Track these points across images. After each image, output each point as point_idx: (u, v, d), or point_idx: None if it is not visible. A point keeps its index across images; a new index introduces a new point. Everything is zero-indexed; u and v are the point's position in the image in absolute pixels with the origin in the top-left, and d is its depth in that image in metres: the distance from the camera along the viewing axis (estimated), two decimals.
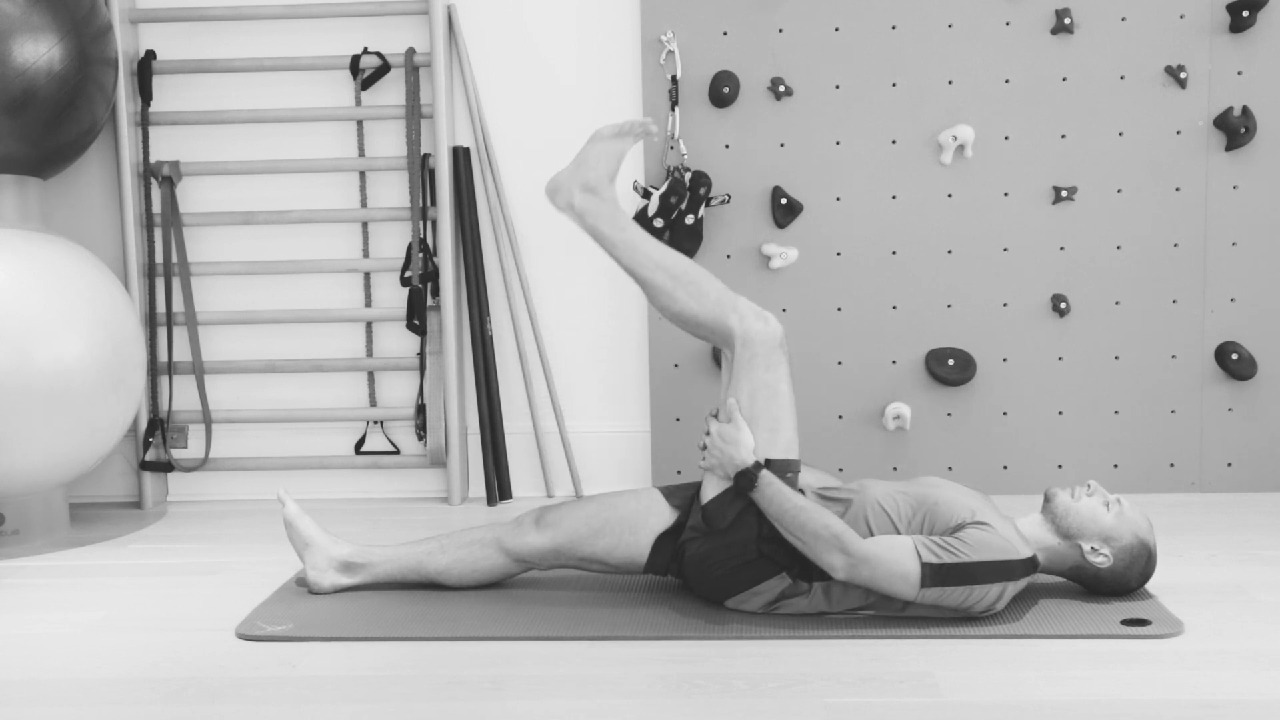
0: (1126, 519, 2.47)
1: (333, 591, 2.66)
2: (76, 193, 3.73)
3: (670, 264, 2.55)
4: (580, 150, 2.62)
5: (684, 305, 2.54)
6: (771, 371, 2.47)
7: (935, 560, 2.30)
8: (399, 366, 3.71)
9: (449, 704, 2.07)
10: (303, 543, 2.67)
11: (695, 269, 2.56)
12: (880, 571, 2.31)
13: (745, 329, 2.48)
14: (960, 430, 3.63)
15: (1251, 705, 1.99)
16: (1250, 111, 3.48)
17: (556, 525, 2.58)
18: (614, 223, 2.58)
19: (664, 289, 2.54)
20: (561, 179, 2.62)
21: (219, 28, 3.69)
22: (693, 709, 2.02)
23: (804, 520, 2.34)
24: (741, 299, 2.54)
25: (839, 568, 2.33)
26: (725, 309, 2.51)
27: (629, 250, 2.57)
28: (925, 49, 3.54)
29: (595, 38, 3.64)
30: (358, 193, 3.71)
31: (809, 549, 2.35)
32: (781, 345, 2.49)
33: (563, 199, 2.61)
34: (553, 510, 2.61)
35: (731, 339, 2.50)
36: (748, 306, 2.52)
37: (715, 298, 2.52)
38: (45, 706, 2.11)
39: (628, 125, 2.61)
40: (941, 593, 2.32)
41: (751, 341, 2.48)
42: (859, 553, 2.31)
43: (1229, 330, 3.57)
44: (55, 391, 3.07)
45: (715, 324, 2.52)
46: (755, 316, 2.50)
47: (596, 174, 2.59)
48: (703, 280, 2.54)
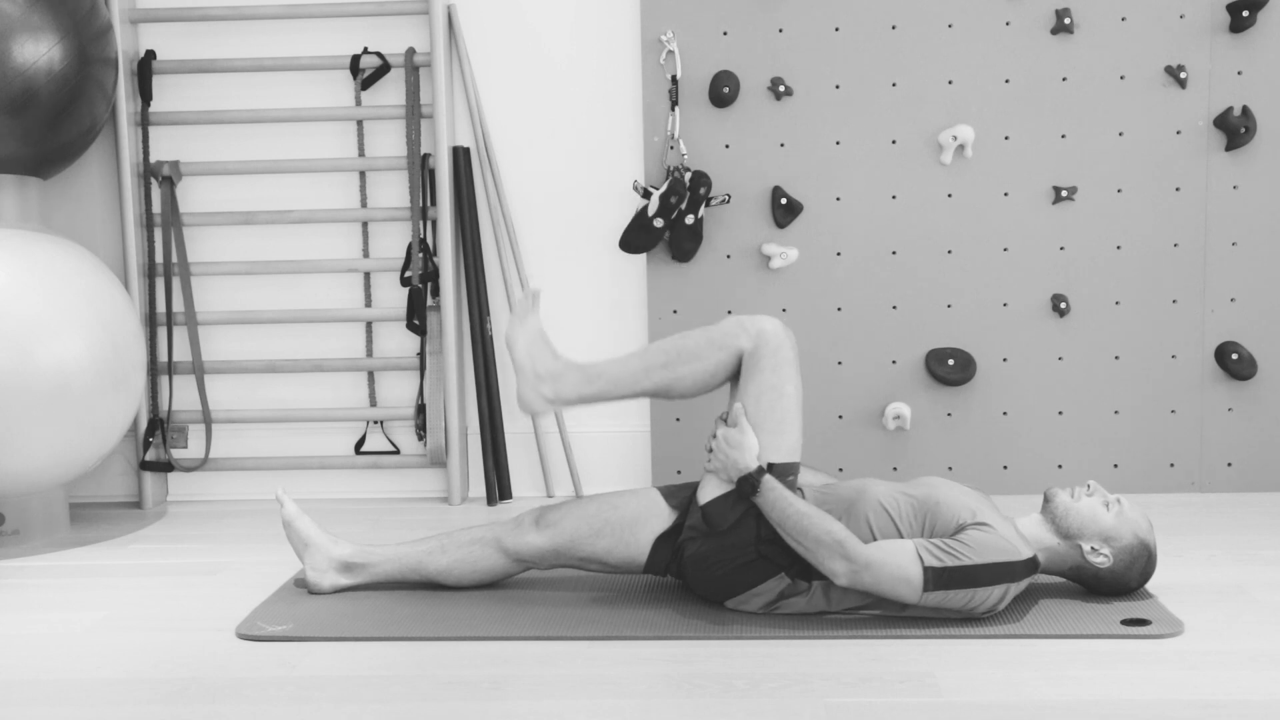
0: (1126, 519, 2.47)
1: (332, 592, 2.66)
2: (76, 193, 3.73)
3: (657, 359, 2.54)
4: (514, 362, 2.58)
5: (697, 377, 2.54)
6: (777, 373, 2.48)
7: (937, 564, 2.30)
8: (399, 366, 3.71)
9: (449, 704, 2.07)
10: (302, 543, 2.67)
11: (677, 341, 2.56)
12: (883, 576, 2.31)
13: (750, 339, 2.50)
14: (960, 430, 3.63)
15: (1252, 705, 1.99)
16: (1250, 111, 3.48)
17: (556, 525, 2.58)
18: (591, 381, 2.56)
19: (671, 382, 2.55)
20: (524, 395, 2.58)
21: (219, 28, 3.69)
22: (693, 709, 2.02)
23: (806, 526, 2.34)
24: (728, 320, 2.55)
25: (841, 573, 2.33)
26: (727, 343, 2.52)
27: (620, 385, 2.56)
28: (925, 49, 3.54)
29: (595, 38, 3.64)
30: (358, 193, 3.71)
31: (811, 555, 2.35)
32: (783, 344, 2.50)
33: (539, 406, 2.59)
34: (552, 510, 2.61)
35: (744, 357, 2.52)
36: (738, 322, 2.53)
37: (714, 345, 2.52)
38: (45, 706, 2.11)
39: (520, 306, 2.60)
40: (944, 596, 2.32)
41: (757, 347, 2.49)
42: (861, 558, 2.31)
43: (1229, 330, 3.57)
44: (55, 391, 3.07)
45: (731, 362, 2.53)
46: (752, 323, 2.51)
47: (541, 365, 2.57)
48: (690, 342, 2.54)
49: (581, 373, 2.56)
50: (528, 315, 2.60)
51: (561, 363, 2.58)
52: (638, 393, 2.57)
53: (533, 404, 2.58)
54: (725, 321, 2.54)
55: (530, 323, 2.60)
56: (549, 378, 2.56)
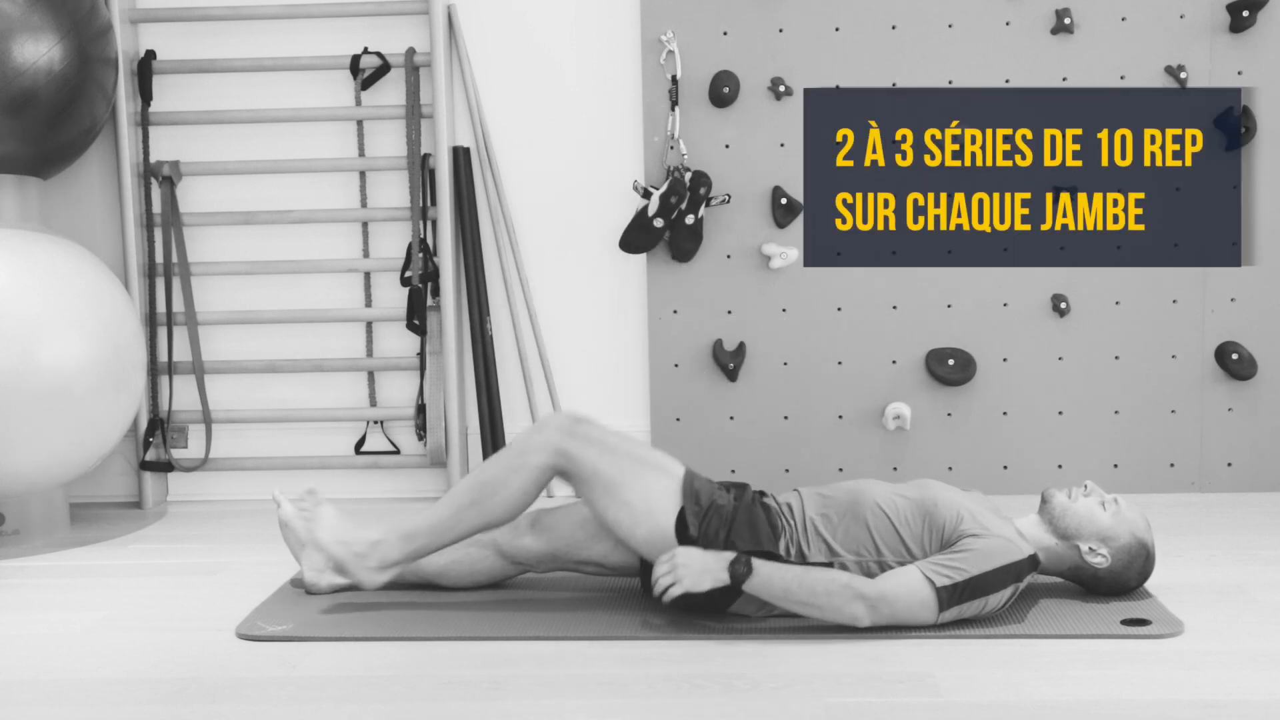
0: (1124, 518, 2.47)
1: (330, 592, 2.65)
2: (76, 193, 3.73)
3: (464, 499, 2.46)
4: (330, 557, 2.53)
5: (510, 503, 2.44)
6: (606, 456, 2.42)
7: (948, 582, 2.30)
8: (399, 366, 3.71)
9: (449, 704, 2.07)
10: (299, 543, 2.67)
11: (475, 476, 2.48)
12: (899, 607, 2.30)
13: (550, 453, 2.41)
14: (960, 430, 3.63)
15: (1252, 705, 1.99)
16: (1250, 111, 3.48)
17: (552, 529, 2.57)
18: (410, 539, 2.48)
19: (486, 518, 2.45)
20: (359, 580, 2.51)
21: (219, 28, 3.69)
22: (693, 709, 2.02)
23: (810, 583, 2.31)
24: (513, 444, 2.47)
25: (862, 615, 2.30)
26: (526, 462, 2.42)
27: (439, 534, 2.48)
28: (925, 49, 3.54)
29: (595, 38, 3.63)
30: (358, 193, 3.71)
31: (827, 610, 2.30)
32: (579, 431, 2.44)
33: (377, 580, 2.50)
34: (549, 514, 2.61)
35: (556, 470, 2.43)
36: (522, 444, 2.44)
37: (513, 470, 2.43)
38: (45, 706, 2.11)
39: (305, 510, 2.57)
40: (960, 610, 2.32)
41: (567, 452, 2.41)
42: (874, 592, 2.29)
43: (1229, 330, 3.57)
44: (55, 391, 3.07)
45: (539, 478, 2.43)
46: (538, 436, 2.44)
47: (356, 546, 2.51)
48: (488, 475, 2.46)
49: (397, 532, 2.51)
50: (317, 511, 2.56)
51: (375, 532, 2.53)
52: (459, 535, 2.49)
53: (370, 582, 2.51)
54: (511, 446, 2.48)
55: (324, 515, 2.57)
56: (369, 552, 2.51)
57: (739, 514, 2.44)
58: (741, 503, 2.47)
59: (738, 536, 2.40)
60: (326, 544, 2.54)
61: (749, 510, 2.45)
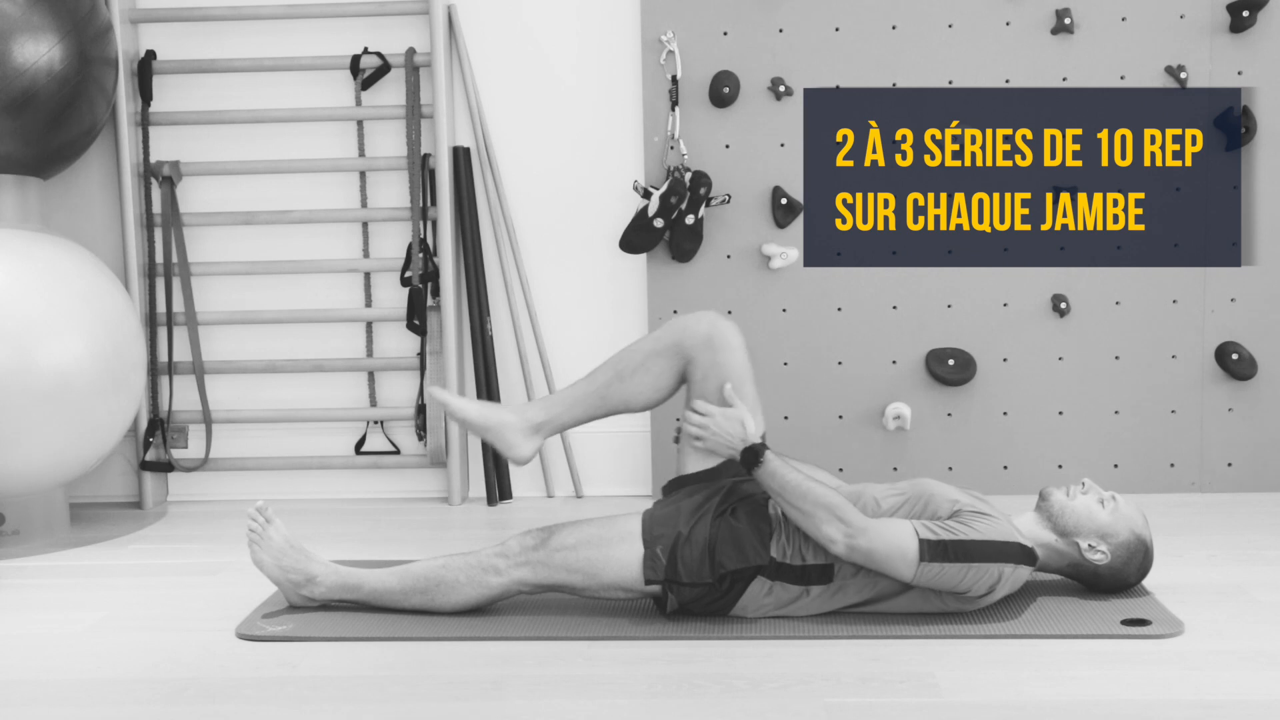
0: (1122, 515, 2.47)
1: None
2: (76, 193, 3.73)
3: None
4: (272, 580, 2.54)
5: (446, 601, 2.48)
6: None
7: (933, 537, 2.31)
8: (399, 366, 3.71)
9: (449, 704, 2.07)
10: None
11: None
12: (878, 544, 2.31)
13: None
14: (960, 430, 3.63)
15: (1252, 705, 1.99)
16: (1250, 111, 3.48)
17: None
18: (346, 579, 2.53)
19: (427, 603, 2.49)
20: (292, 601, 2.55)
21: (219, 28, 3.69)
22: (693, 709, 2.02)
23: (805, 490, 2.35)
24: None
25: (838, 539, 2.32)
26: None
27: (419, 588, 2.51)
28: (925, 49, 3.54)
29: (595, 38, 3.63)
30: (358, 193, 3.71)
31: (809, 520, 2.34)
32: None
33: (303, 602, 2.55)
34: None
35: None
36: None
37: (472, 588, 2.46)
38: (45, 706, 2.11)
39: (255, 529, 2.53)
40: (940, 570, 2.31)
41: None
42: (857, 523, 2.32)
43: (1229, 330, 3.57)
44: (55, 391, 3.07)
45: (504, 591, 2.46)
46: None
47: (295, 575, 2.51)
48: (431, 583, 2.48)
49: (337, 575, 2.53)
50: (266, 532, 2.53)
51: (317, 564, 2.53)
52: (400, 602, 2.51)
53: (298, 602, 2.55)
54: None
55: (272, 537, 2.53)
56: (306, 582, 2.52)
57: (720, 532, 2.41)
58: (722, 518, 2.44)
59: (724, 557, 2.39)
60: (267, 570, 2.53)
61: (729, 527, 2.42)
